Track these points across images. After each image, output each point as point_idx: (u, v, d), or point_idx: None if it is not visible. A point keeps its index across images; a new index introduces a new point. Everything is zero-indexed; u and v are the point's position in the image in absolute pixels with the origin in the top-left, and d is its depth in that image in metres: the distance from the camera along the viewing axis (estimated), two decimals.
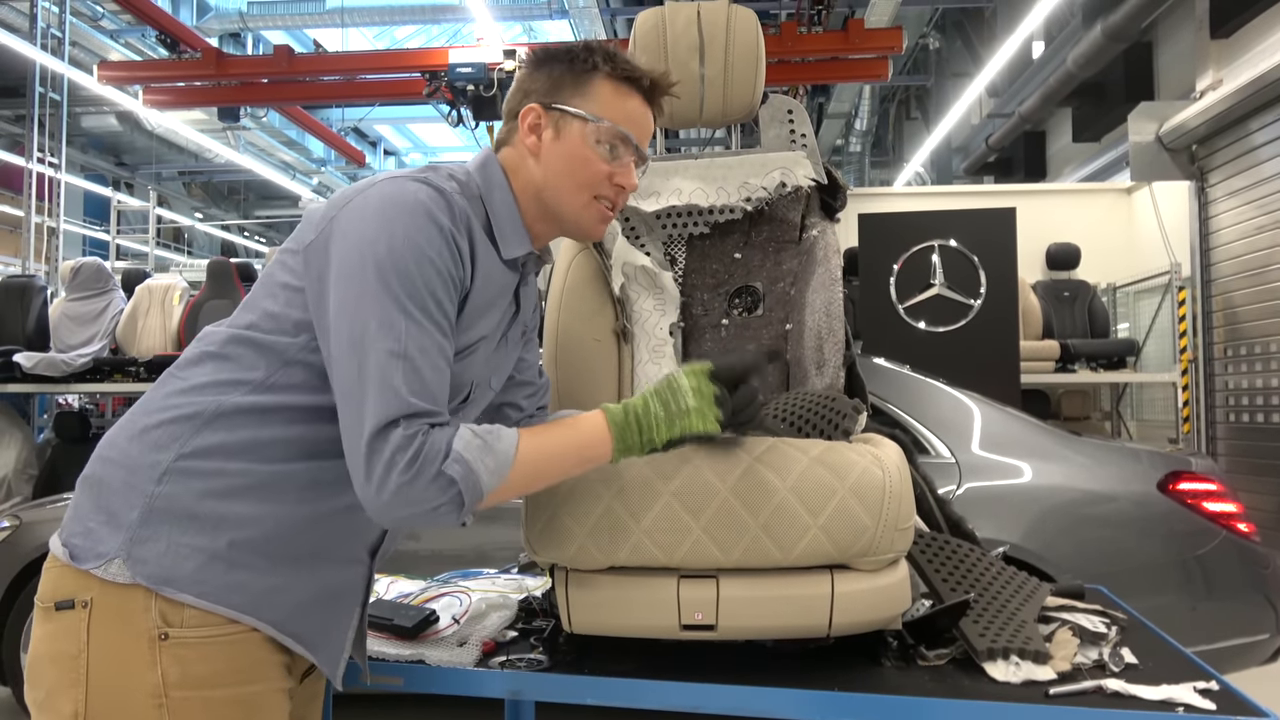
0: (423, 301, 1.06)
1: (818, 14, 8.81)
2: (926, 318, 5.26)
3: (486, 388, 1.28)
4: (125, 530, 1.05)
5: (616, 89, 1.21)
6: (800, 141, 1.86)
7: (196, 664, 1.04)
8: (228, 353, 1.12)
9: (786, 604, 1.26)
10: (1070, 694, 1.23)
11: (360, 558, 1.20)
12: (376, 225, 1.07)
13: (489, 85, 8.20)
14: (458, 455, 1.03)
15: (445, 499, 1.03)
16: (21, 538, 3.27)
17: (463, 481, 1.03)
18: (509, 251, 1.21)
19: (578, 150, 1.20)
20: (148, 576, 1.03)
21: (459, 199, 1.14)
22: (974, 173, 12.03)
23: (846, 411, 1.38)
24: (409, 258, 1.06)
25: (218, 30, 12.67)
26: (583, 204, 1.22)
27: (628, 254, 1.82)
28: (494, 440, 1.07)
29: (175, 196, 16.78)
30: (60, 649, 1.05)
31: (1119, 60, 7.91)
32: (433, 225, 1.08)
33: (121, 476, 1.08)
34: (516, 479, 1.09)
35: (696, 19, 1.79)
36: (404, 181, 1.12)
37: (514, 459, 1.07)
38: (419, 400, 1.03)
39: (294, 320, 1.11)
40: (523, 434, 1.11)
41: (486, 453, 1.05)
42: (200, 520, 1.06)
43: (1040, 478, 2.91)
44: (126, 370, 6.02)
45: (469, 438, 1.05)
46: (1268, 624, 2.81)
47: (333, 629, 1.17)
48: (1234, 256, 6.37)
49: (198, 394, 1.10)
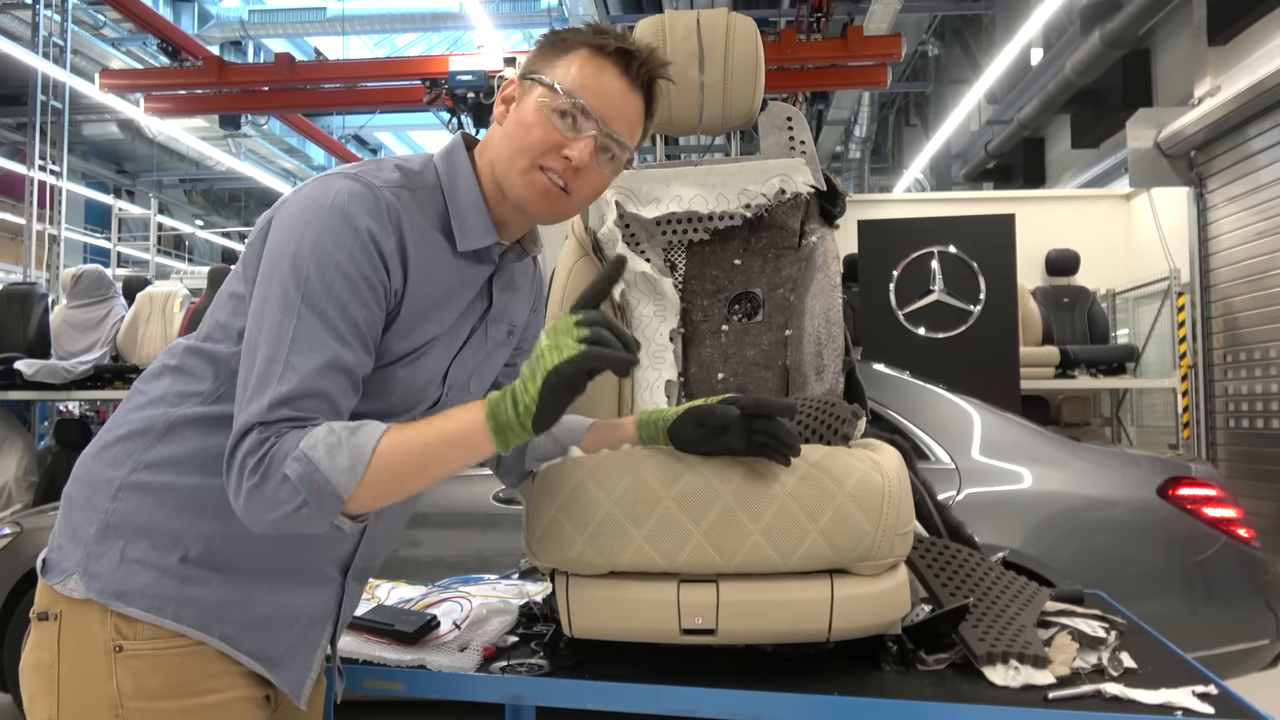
0: (321, 308, 1.02)
1: (817, 21, 8.83)
2: (926, 324, 5.27)
3: (464, 390, 1.24)
4: (83, 546, 1.07)
5: (590, 60, 1.13)
6: (799, 148, 1.87)
7: (149, 676, 1.05)
8: (182, 364, 1.12)
9: (786, 609, 1.26)
10: (1069, 698, 1.23)
11: (330, 575, 1.18)
12: (292, 228, 1.05)
13: (489, 92, 8.23)
14: (299, 454, 0.97)
15: (298, 500, 0.98)
16: (22, 545, 3.27)
17: (301, 480, 0.97)
18: (468, 243, 1.15)
19: (528, 115, 1.12)
20: (99, 592, 1.05)
21: (391, 194, 1.09)
22: (973, 179, 12.07)
23: (846, 417, 1.39)
24: (312, 263, 1.03)
25: (219, 38, 12.71)
26: (520, 170, 1.13)
27: (628, 260, 1.83)
28: (349, 435, 1.00)
29: (176, 204, 16.82)
30: (39, 658, 1.08)
31: (1117, 67, 7.94)
32: (346, 228, 1.04)
33: (84, 494, 1.11)
34: (384, 473, 1.00)
35: (696, 27, 1.81)
36: (333, 179, 1.09)
37: (372, 453, 0.99)
38: (285, 409, 0.99)
39: (238, 329, 1.09)
40: (391, 428, 1.03)
41: (337, 450, 0.98)
42: (152, 535, 1.07)
43: (1040, 483, 2.92)
44: (127, 377, 6.02)
45: (320, 435, 0.99)
46: (1268, 629, 2.80)
47: (299, 648, 1.15)
48: (1233, 262, 6.38)
49: (153, 407, 1.11)
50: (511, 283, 1.26)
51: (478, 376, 1.27)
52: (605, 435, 1.40)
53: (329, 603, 1.19)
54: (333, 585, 1.19)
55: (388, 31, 13.08)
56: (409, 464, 1.03)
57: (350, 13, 12.12)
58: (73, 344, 6.33)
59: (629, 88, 1.15)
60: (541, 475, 1.30)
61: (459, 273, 1.17)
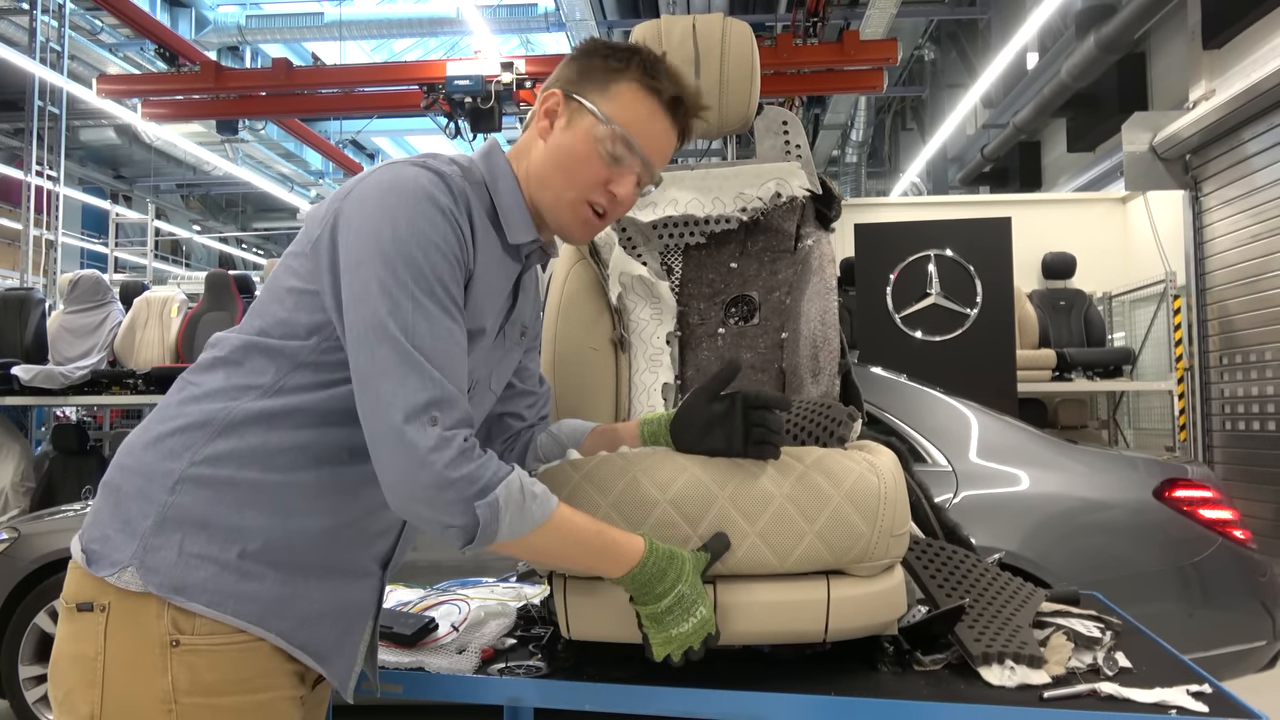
0: (430, 287, 1.05)
1: (813, 26, 8.86)
2: (923, 327, 5.28)
3: (486, 389, 1.27)
4: (139, 539, 1.06)
5: (640, 96, 1.18)
6: (795, 152, 1.88)
7: (206, 671, 1.04)
8: (238, 358, 1.12)
9: (783, 610, 1.27)
10: (1065, 697, 1.24)
11: (372, 570, 1.20)
12: (379, 213, 1.07)
13: (486, 97, 8.24)
14: (494, 501, 1.03)
15: (459, 524, 1.03)
16: (20, 550, 3.26)
17: (483, 527, 1.03)
18: (515, 236, 1.19)
19: (580, 146, 1.17)
20: (159, 585, 1.04)
21: (459, 181, 1.12)
22: (969, 183, 12.09)
23: (842, 419, 1.39)
24: (413, 244, 1.05)
25: (216, 44, 12.72)
26: (569, 203, 1.19)
27: (625, 264, 1.84)
28: (531, 503, 1.07)
29: (173, 209, 16.81)
30: (80, 650, 1.06)
31: (1112, 71, 7.97)
32: (434, 208, 1.07)
33: (137, 484, 1.09)
34: (529, 545, 1.10)
35: (692, 32, 1.81)
36: (402, 167, 1.11)
37: (538, 528, 1.08)
38: (438, 390, 1.03)
39: (304, 324, 1.10)
40: (561, 509, 1.11)
41: (520, 513, 1.06)
42: (212, 530, 1.06)
43: (1037, 486, 2.92)
44: (125, 383, 6.02)
45: (514, 489, 1.05)
46: (1264, 631, 2.81)
47: (345, 642, 1.16)
48: (1228, 265, 6.40)
49: (210, 400, 1.10)
50: (526, 280, 1.29)
51: (497, 374, 1.30)
52: (607, 439, 1.41)
53: (372, 596, 1.21)
54: (374, 579, 1.21)
55: (385, 36, 13.09)
56: (554, 548, 1.14)
57: (348, 18, 12.14)
58: (70, 349, 6.32)
59: (671, 129, 1.22)
60: (538, 478, 1.30)
61: (503, 268, 1.21)
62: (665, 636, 1.17)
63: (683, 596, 1.16)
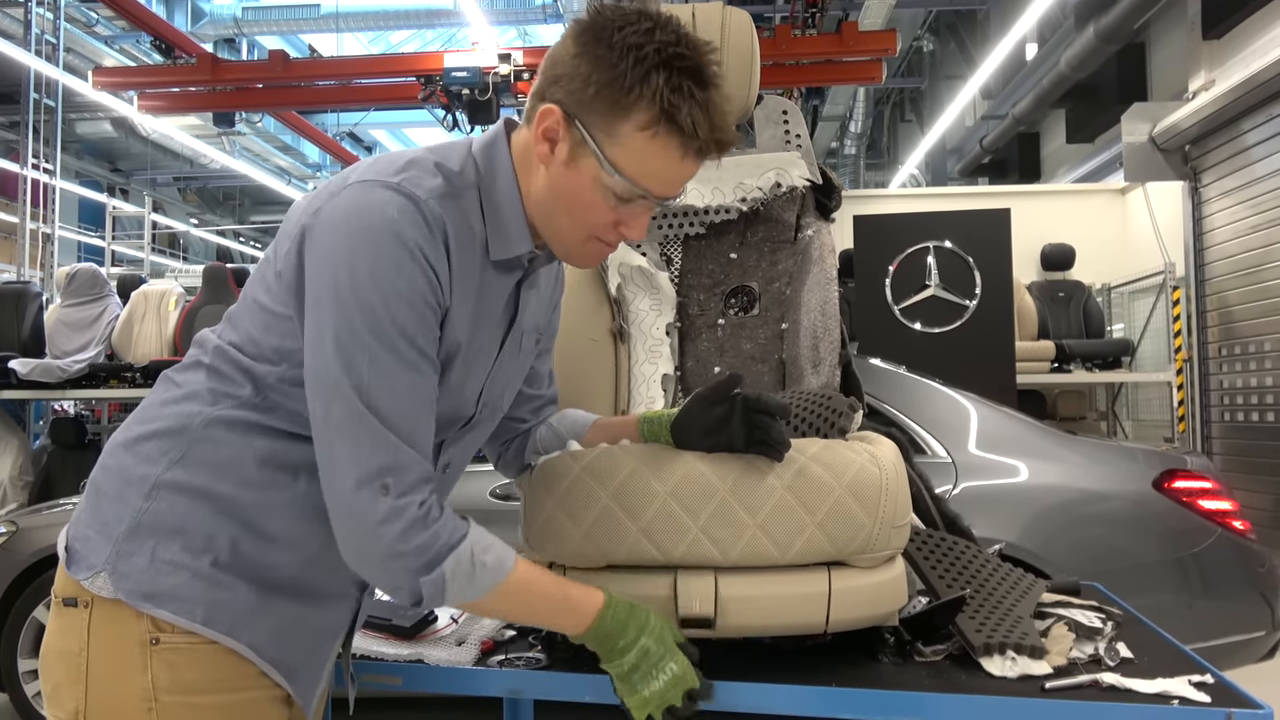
0: (390, 340, 0.99)
1: (811, 17, 8.84)
2: (922, 319, 5.28)
3: (496, 408, 1.24)
4: (112, 543, 1.05)
5: (655, 140, 1.03)
6: (795, 142, 1.87)
7: (186, 669, 1.03)
8: (217, 364, 1.10)
9: (784, 601, 1.26)
10: (1066, 688, 1.23)
11: (348, 592, 1.18)
12: (342, 247, 1.00)
13: (484, 89, 8.23)
14: (438, 576, 1.02)
15: (406, 588, 1.03)
16: (18, 544, 3.27)
17: (428, 599, 1.04)
18: (504, 251, 1.11)
19: (586, 193, 1.06)
20: (129, 593, 1.02)
21: (438, 206, 1.03)
22: (968, 174, 12.07)
23: (843, 410, 1.38)
24: (372, 290, 0.98)
25: (212, 36, 12.67)
26: (578, 240, 1.11)
27: (624, 254, 1.83)
28: (480, 572, 1.05)
29: (170, 202, 16.77)
30: (66, 645, 1.05)
31: (1112, 61, 7.95)
32: (400, 248, 0.99)
33: (116, 487, 1.08)
34: (482, 607, 1.12)
35: (692, 21, 1.80)
36: (374, 190, 1.02)
37: (490, 591, 1.07)
38: (390, 456, 1.00)
39: (273, 347, 1.07)
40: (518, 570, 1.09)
41: (468, 582, 1.05)
42: (186, 536, 1.05)
43: (1036, 477, 2.92)
44: (122, 376, 6.01)
45: (464, 560, 1.04)
46: (1263, 621, 2.82)
47: (312, 660, 1.14)
48: (1227, 256, 6.40)
49: (188, 402, 1.09)
50: (535, 282, 1.22)
51: (509, 390, 1.27)
52: (607, 432, 1.40)
53: (345, 616, 1.19)
54: (350, 600, 1.19)
55: (382, 28, 13.06)
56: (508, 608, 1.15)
57: (344, 9, 12.10)
58: (67, 343, 6.31)
59: (695, 165, 1.08)
60: (539, 469, 1.30)
61: (492, 281, 1.13)
62: (639, 699, 1.13)
63: (648, 652, 1.13)
